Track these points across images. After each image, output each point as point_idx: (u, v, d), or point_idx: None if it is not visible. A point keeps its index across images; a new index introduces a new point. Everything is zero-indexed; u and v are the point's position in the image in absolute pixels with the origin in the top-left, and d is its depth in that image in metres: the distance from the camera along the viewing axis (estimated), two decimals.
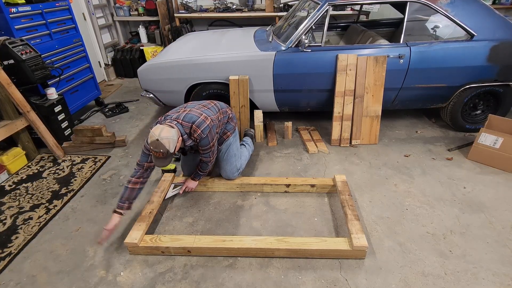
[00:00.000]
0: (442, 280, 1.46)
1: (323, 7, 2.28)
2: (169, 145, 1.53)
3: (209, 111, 1.79)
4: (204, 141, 1.71)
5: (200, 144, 1.73)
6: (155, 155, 1.56)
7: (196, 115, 1.69)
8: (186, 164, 2.07)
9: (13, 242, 1.73)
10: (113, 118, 3.17)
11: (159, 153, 1.54)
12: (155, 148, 1.53)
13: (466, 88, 2.42)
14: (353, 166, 2.29)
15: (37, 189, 2.15)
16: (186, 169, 2.09)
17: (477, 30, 2.27)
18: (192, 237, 1.62)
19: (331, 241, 1.57)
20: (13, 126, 2.26)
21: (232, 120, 2.00)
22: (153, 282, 1.49)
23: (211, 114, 1.76)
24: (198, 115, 1.69)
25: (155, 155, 1.56)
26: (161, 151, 1.53)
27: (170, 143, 1.54)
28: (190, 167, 2.06)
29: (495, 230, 1.72)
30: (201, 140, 1.69)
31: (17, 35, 2.47)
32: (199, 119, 1.67)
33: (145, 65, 2.60)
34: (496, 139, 2.14)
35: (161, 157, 1.56)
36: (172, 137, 1.55)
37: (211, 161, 1.87)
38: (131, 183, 1.68)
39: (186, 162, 2.06)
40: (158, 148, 1.53)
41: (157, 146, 1.52)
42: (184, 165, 2.09)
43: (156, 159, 1.58)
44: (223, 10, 4.15)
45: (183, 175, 2.13)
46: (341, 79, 2.35)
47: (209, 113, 1.76)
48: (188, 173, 2.08)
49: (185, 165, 2.08)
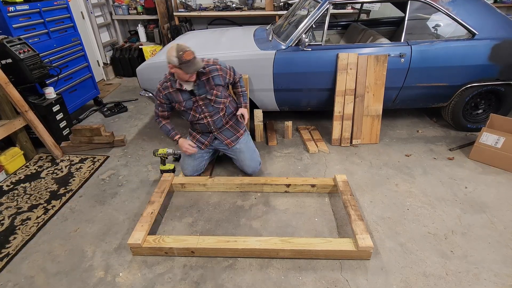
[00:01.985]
0: (444, 281, 1.45)
1: (324, 5, 2.26)
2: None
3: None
4: (222, 65, 1.87)
5: (221, 69, 1.86)
6: (187, 57, 1.58)
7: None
8: (188, 162, 2.06)
9: (11, 242, 1.72)
10: (111, 118, 3.15)
11: (189, 52, 1.59)
12: (184, 49, 1.58)
13: (468, 87, 2.40)
14: (353, 166, 2.28)
15: (35, 189, 2.14)
16: (190, 167, 2.07)
17: (478, 29, 2.25)
18: (196, 238, 1.60)
19: (336, 241, 1.56)
20: (11, 126, 2.25)
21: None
22: (152, 283, 1.48)
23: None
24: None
25: (187, 58, 1.59)
26: (190, 49, 1.60)
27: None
28: (193, 166, 2.06)
29: (497, 230, 1.71)
30: (219, 64, 1.85)
31: (15, 34, 2.45)
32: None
33: (144, 64, 2.59)
34: (497, 138, 2.13)
35: (193, 56, 1.62)
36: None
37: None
38: (164, 120, 1.98)
39: (187, 161, 2.06)
40: (184, 48, 1.59)
41: (182, 48, 1.59)
42: (186, 163, 2.07)
43: (189, 63, 1.61)
44: (222, 9, 4.13)
45: (184, 174, 2.11)
46: (341, 78, 2.34)
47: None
48: (192, 171, 2.06)
49: (187, 163, 2.06)
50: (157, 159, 2.41)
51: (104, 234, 1.76)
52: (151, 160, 2.42)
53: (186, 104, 1.88)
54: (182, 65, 1.62)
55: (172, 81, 1.83)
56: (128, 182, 2.19)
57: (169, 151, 2.18)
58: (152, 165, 2.36)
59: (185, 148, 1.96)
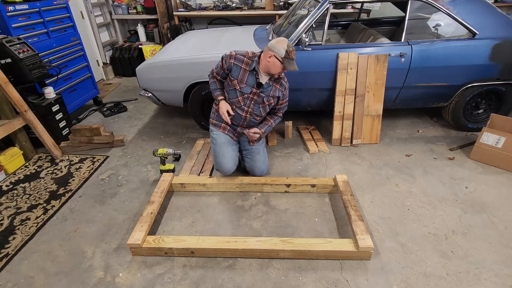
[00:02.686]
0: (444, 281, 1.44)
1: (324, 5, 2.26)
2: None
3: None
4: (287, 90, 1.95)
5: (286, 91, 1.92)
6: (293, 55, 1.66)
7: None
8: (227, 153, 1.96)
9: (11, 243, 1.71)
10: (111, 118, 3.15)
11: (294, 51, 1.68)
12: (292, 47, 1.67)
13: (468, 87, 2.40)
14: (354, 166, 2.27)
15: (35, 189, 2.13)
16: (230, 159, 1.96)
17: (479, 29, 2.25)
18: (196, 238, 1.60)
19: (336, 242, 1.56)
20: (10, 126, 2.24)
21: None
22: (152, 283, 1.47)
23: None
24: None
25: (292, 55, 1.67)
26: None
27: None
28: (232, 157, 1.98)
29: (498, 231, 1.70)
30: (287, 87, 1.93)
31: (14, 34, 2.44)
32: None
33: (144, 64, 2.58)
34: (498, 138, 2.12)
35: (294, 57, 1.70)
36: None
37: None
38: (215, 78, 1.94)
39: (226, 152, 1.96)
40: (292, 46, 1.66)
41: (291, 45, 1.67)
42: (226, 156, 1.95)
43: (292, 61, 1.68)
44: (222, 8, 4.12)
45: (224, 172, 1.99)
46: (342, 78, 2.33)
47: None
48: (232, 164, 1.97)
49: (226, 155, 1.95)
50: (157, 159, 2.41)
51: (103, 234, 1.76)
52: (151, 160, 2.41)
53: (244, 88, 1.82)
54: (285, 59, 1.67)
55: (254, 61, 1.80)
56: (128, 182, 2.18)
57: (169, 151, 2.17)
58: (151, 165, 2.35)
59: (223, 109, 1.86)
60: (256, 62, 1.80)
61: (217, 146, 1.98)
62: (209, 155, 2.38)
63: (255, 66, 1.80)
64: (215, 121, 2.01)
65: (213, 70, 1.94)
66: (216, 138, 1.98)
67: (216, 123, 2.01)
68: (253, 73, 1.82)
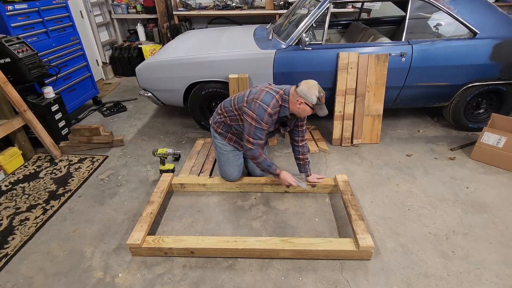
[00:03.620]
0: (445, 281, 1.44)
1: (324, 4, 2.25)
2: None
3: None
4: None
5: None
6: (323, 100, 1.61)
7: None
8: (232, 166, 1.95)
9: (10, 243, 1.71)
10: (111, 118, 3.14)
11: (324, 95, 1.61)
12: (323, 92, 1.61)
13: (469, 87, 2.39)
14: (354, 166, 2.26)
15: (34, 189, 2.12)
16: (236, 168, 1.95)
17: (480, 28, 2.24)
18: (196, 238, 1.59)
19: (336, 241, 1.55)
20: (10, 126, 2.23)
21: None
22: (152, 284, 1.47)
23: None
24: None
25: (323, 101, 1.61)
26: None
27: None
28: (238, 165, 1.96)
29: (499, 231, 1.70)
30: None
31: (13, 33, 2.43)
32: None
33: (144, 63, 2.57)
34: (499, 138, 2.12)
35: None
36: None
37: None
38: (263, 149, 1.75)
39: (232, 165, 1.94)
40: (322, 90, 1.60)
41: (321, 89, 1.60)
42: (231, 168, 1.95)
43: (323, 106, 1.62)
44: (222, 8, 4.12)
45: (230, 180, 1.99)
46: (342, 77, 2.32)
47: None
48: (238, 172, 1.97)
49: (232, 167, 1.95)
50: (157, 159, 2.40)
51: (103, 234, 1.75)
52: (150, 160, 2.41)
53: (269, 128, 1.74)
54: (317, 105, 1.61)
55: (285, 108, 1.68)
56: (128, 182, 2.18)
57: (168, 151, 2.17)
58: (151, 165, 2.35)
59: (289, 181, 1.77)
60: (286, 109, 1.67)
61: (223, 155, 1.93)
62: (209, 155, 2.38)
63: (287, 115, 1.69)
64: (221, 130, 1.92)
65: (261, 143, 1.70)
66: (222, 148, 1.93)
67: (222, 132, 1.92)
68: (281, 118, 1.74)
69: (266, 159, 1.76)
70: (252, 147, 1.71)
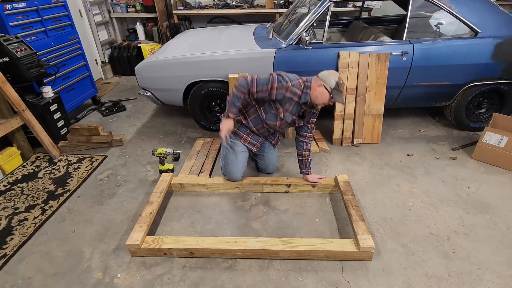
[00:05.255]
0: (446, 282, 1.43)
1: (324, 3, 2.24)
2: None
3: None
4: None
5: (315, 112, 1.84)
6: (342, 88, 1.64)
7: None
8: (237, 164, 1.94)
9: (8, 243, 1.70)
10: (110, 117, 3.13)
11: (344, 85, 1.66)
12: (343, 81, 1.65)
13: (471, 86, 2.38)
14: (355, 166, 2.25)
15: (33, 189, 2.11)
16: (240, 167, 1.95)
17: (481, 27, 2.23)
18: (195, 238, 1.58)
19: (337, 242, 1.55)
20: (8, 125, 2.22)
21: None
22: (151, 284, 1.46)
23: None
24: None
25: (342, 88, 1.64)
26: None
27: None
28: (243, 164, 1.97)
29: (500, 231, 1.69)
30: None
31: (12, 32, 2.42)
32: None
33: (143, 63, 2.56)
34: (501, 138, 2.11)
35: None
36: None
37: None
38: (244, 94, 1.72)
39: (237, 163, 1.94)
40: (342, 80, 1.66)
41: (341, 78, 1.65)
42: (235, 166, 1.94)
43: (341, 93, 1.64)
44: (222, 7, 4.10)
45: (232, 180, 1.98)
46: (342, 77, 2.31)
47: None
48: (241, 171, 1.97)
49: (236, 166, 1.94)
50: (156, 159, 2.39)
51: (102, 234, 1.74)
52: (150, 160, 2.40)
53: (286, 117, 1.78)
54: (335, 90, 1.63)
55: (306, 94, 1.71)
56: (127, 182, 2.17)
57: (168, 150, 2.16)
58: (151, 165, 2.34)
59: (223, 130, 1.77)
60: (307, 94, 1.70)
61: (231, 155, 1.93)
62: (208, 155, 2.37)
63: (307, 101, 1.71)
64: (236, 129, 1.93)
65: (251, 87, 1.71)
66: (234, 148, 1.93)
67: (237, 132, 1.93)
68: (300, 105, 1.76)
69: (239, 98, 1.73)
70: (242, 81, 1.71)
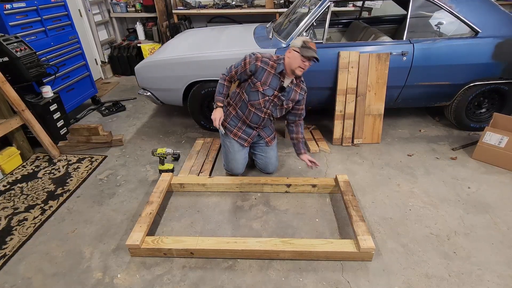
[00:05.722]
0: (446, 282, 1.43)
1: (325, 3, 2.23)
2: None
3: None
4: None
5: (305, 97, 1.92)
6: (311, 45, 1.67)
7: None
8: (238, 158, 2.00)
9: (8, 243, 1.69)
10: (109, 117, 3.12)
11: (314, 44, 1.69)
12: (311, 41, 1.69)
13: (471, 86, 2.38)
14: (355, 166, 2.25)
15: (32, 189, 2.11)
16: (241, 161, 2.02)
17: (481, 27, 2.22)
18: (195, 239, 1.58)
19: (337, 243, 1.54)
20: (8, 125, 2.22)
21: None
22: (151, 285, 1.46)
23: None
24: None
25: (311, 45, 1.67)
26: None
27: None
28: (245, 158, 2.03)
29: (500, 231, 1.68)
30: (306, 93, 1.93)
31: (11, 32, 2.42)
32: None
33: (143, 62, 2.55)
34: (501, 138, 2.10)
35: (315, 48, 1.70)
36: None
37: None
38: (226, 81, 1.86)
39: (237, 157, 2.00)
40: (310, 40, 1.70)
41: (309, 39, 1.70)
42: (236, 161, 2.00)
43: (310, 49, 1.66)
44: (222, 7, 4.10)
45: (235, 174, 2.06)
46: (342, 77, 2.31)
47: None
48: (243, 166, 2.04)
49: (237, 160, 2.00)
50: (156, 159, 2.38)
51: (102, 235, 1.74)
52: (149, 160, 2.39)
53: (266, 90, 1.81)
54: (302, 48, 1.66)
55: (280, 64, 1.78)
56: (127, 182, 2.16)
57: (168, 150, 2.15)
58: (150, 165, 2.33)
59: (216, 118, 1.85)
60: (283, 65, 1.77)
61: (230, 153, 2.01)
62: (208, 155, 2.36)
63: (282, 69, 1.77)
64: (227, 124, 1.98)
65: (230, 71, 1.86)
66: (229, 145, 2.00)
67: (227, 126, 1.98)
68: (277, 76, 1.80)
69: (223, 85, 1.88)
70: (223, 74, 1.89)
